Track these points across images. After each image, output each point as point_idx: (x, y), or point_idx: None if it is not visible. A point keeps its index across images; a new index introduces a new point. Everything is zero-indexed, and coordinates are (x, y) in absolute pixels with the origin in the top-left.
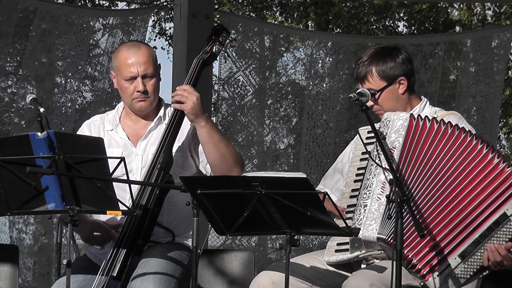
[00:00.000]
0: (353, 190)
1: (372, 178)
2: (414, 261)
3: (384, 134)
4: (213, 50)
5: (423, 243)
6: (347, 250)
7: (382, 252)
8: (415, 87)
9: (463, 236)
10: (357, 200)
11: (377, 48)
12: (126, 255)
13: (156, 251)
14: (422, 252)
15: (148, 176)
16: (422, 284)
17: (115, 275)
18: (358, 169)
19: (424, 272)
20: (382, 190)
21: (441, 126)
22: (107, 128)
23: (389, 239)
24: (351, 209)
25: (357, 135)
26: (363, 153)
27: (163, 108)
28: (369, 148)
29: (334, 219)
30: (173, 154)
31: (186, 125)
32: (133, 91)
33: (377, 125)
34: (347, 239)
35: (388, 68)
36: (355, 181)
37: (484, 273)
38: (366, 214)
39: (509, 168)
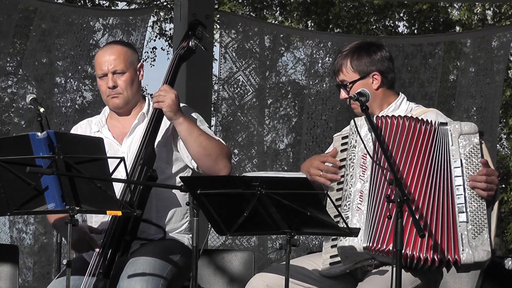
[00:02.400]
0: (337, 200)
1: (350, 188)
2: (415, 254)
3: (354, 142)
4: (190, 45)
5: (419, 239)
6: (340, 262)
7: (373, 260)
8: (415, 87)
9: (450, 205)
10: (340, 211)
11: (358, 43)
12: (113, 253)
13: (146, 250)
14: (422, 245)
15: (131, 172)
16: (460, 265)
17: (102, 272)
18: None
19: (453, 256)
20: (361, 200)
21: (404, 123)
22: (93, 129)
23: (374, 245)
24: (337, 219)
25: (334, 141)
26: (341, 160)
27: (146, 103)
28: (343, 155)
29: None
30: (156, 149)
31: (168, 121)
32: (105, 89)
33: (346, 131)
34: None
35: (362, 63)
36: (338, 190)
37: (495, 206)
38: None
39: (427, 125)
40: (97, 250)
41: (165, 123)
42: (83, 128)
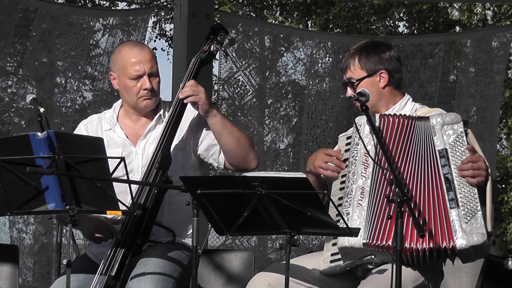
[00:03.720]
0: (339, 199)
1: (351, 185)
2: (413, 246)
3: (357, 140)
4: (211, 49)
5: (415, 232)
6: (341, 259)
7: (372, 256)
8: (415, 87)
9: (440, 194)
10: (341, 208)
11: (367, 41)
12: (125, 254)
13: (155, 251)
14: (419, 237)
15: (146, 175)
16: (457, 251)
17: (113, 274)
18: (342, 176)
19: (448, 244)
20: (362, 196)
21: (399, 120)
22: (105, 128)
23: (373, 242)
24: (338, 217)
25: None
26: (345, 160)
27: (162, 105)
28: (346, 155)
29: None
30: (173, 152)
31: (185, 123)
32: (139, 90)
33: (350, 131)
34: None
35: (371, 61)
36: (340, 189)
37: (487, 187)
38: (350, 223)
39: (413, 121)
40: (118, 236)
41: (181, 128)
42: (94, 125)
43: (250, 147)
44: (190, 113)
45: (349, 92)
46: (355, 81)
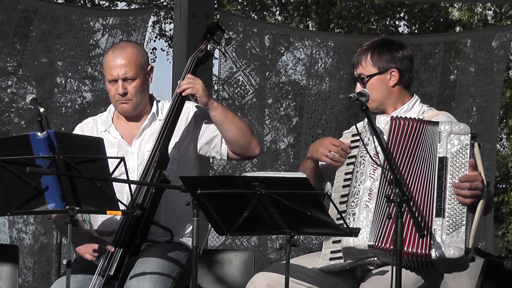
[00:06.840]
0: (342, 196)
1: (359, 185)
2: (415, 250)
3: (367, 139)
4: (208, 49)
5: (411, 236)
6: (341, 258)
7: (376, 258)
8: (414, 86)
9: (429, 200)
10: (346, 207)
11: (381, 39)
12: (123, 254)
13: (154, 251)
14: (410, 241)
15: (144, 175)
16: (432, 260)
17: (112, 274)
18: (346, 173)
19: (424, 251)
20: (369, 197)
21: (409, 123)
22: (100, 129)
23: (379, 244)
24: (339, 215)
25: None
26: (349, 157)
27: (155, 104)
28: (354, 152)
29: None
30: (170, 151)
31: (181, 121)
32: (115, 94)
33: (354, 128)
34: (340, 247)
35: (383, 59)
36: (344, 186)
37: (478, 207)
38: (355, 223)
39: (424, 124)
40: (111, 249)
41: (177, 126)
42: (89, 127)
43: (252, 134)
44: (185, 111)
45: (358, 87)
46: (365, 77)
